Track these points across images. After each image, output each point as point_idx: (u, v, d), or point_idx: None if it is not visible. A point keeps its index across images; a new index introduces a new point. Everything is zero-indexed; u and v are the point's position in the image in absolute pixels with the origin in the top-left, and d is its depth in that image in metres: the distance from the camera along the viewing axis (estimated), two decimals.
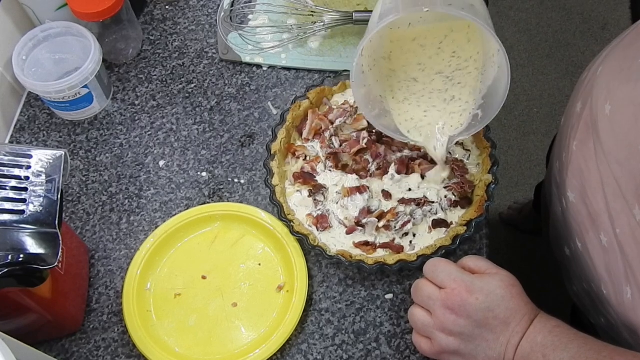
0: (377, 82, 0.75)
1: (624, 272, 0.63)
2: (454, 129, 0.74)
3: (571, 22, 2.11)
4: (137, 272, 0.74)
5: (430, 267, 0.65)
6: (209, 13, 0.97)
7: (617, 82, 0.64)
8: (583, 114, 0.71)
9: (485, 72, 0.72)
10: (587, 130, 0.69)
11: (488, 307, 0.60)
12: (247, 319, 0.73)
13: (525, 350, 0.58)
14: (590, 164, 0.67)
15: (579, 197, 0.71)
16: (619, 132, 0.61)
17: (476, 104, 0.73)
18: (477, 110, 0.73)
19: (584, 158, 0.69)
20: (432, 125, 0.75)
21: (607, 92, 0.65)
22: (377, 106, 0.75)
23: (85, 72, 0.81)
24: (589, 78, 0.75)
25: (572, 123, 0.74)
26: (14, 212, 0.58)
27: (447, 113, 0.75)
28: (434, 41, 0.73)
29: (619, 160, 0.61)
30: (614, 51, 0.69)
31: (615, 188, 0.61)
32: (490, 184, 0.74)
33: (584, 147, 0.70)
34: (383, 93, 0.76)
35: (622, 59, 0.65)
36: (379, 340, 0.72)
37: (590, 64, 0.79)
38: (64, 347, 0.73)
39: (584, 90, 0.74)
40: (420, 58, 0.74)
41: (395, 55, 0.75)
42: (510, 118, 1.93)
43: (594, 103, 0.67)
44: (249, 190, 0.82)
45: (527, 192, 1.77)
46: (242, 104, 0.89)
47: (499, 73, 0.68)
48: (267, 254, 0.77)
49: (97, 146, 0.86)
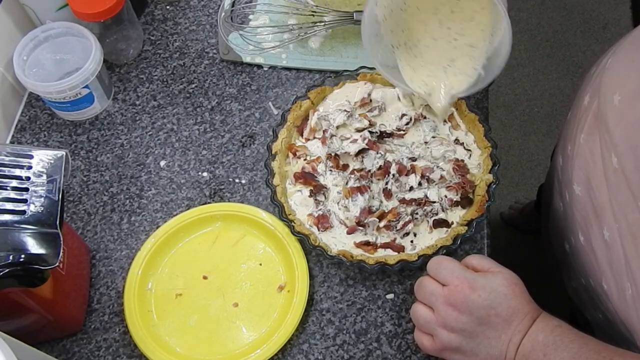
0: (392, 32, 0.77)
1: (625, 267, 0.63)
2: (457, 86, 0.77)
3: (572, 21, 2.11)
4: (138, 272, 0.74)
5: (434, 265, 0.65)
6: (210, 13, 0.97)
7: (628, 73, 0.63)
8: (592, 107, 0.71)
9: (493, 34, 0.74)
10: (595, 122, 0.69)
11: (490, 304, 0.60)
12: (248, 319, 0.73)
13: (526, 349, 0.58)
14: (596, 158, 0.67)
15: (585, 190, 0.71)
16: (628, 122, 0.61)
17: (480, 64, 0.76)
18: (480, 70, 0.76)
19: (590, 152, 0.69)
20: (437, 81, 0.77)
21: (616, 83, 0.65)
22: (385, 53, 0.78)
23: (86, 73, 0.81)
24: (598, 72, 0.75)
25: (579, 116, 0.74)
26: (15, 212, 0.58)
27: (453, 70, 0.77)
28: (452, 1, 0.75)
29: (626, 151, 0.61)
30: (624, 44, 0.69)
31: (622, 180, 0.61)
32: (491, 184, 0.74)
33: (590, 140, 0.69)
34: (395, 43, 0.79)
35: (633, 50, 0.65)
36: (380, 340, 0.72)
37: (600, 58, 0.79)
38: (65, 347, 0.73)
39: (593, 84, 0.74)
40: (437, 15, 0.76)
41: (412, 9, 0.77)
42: (510, 118, 1.93)
43: (602, 95, 0.67)
44: (250, 190, 0.82)
45: (527, 192, 1.77)
46: (243, 104, 0.89)
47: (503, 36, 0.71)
48: (268, 254, 0.77)
49: (98, 146, 0.86)
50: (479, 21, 0.75)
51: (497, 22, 0.73)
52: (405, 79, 0.79)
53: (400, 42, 0.79)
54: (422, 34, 0.78)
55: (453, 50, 0.77)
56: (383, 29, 0.77)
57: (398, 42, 0.79)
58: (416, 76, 0.79)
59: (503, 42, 0.71)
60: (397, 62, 0.80)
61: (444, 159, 0.78)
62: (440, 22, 0.77)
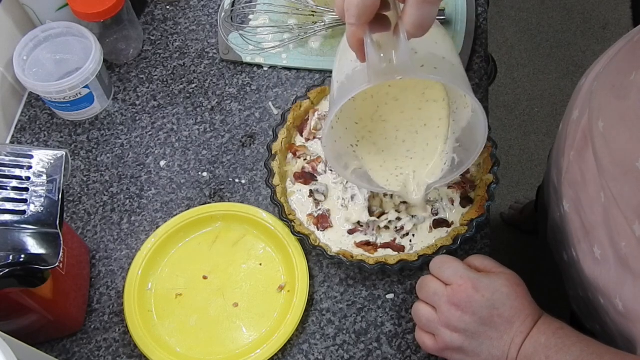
0: (347, 130, 0.69)
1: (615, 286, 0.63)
2: (430, 175, 0.70)
3: (572, 21, 2.11)
4: (138, 272, 0.74)
5: (437, 264, 0.65)
6: (210, 13, 0.97)
7: (609, 99, 0.63)
8: (581, 122, 0.70)
9: (457, 113, 0.67)
10: (584, 141, 0.68)
11: (493, 304, 0.60)
12: (248, 319, 0.73)
13: (528, 351, 0.58)
14: (587, 177, 0.67)
15: (573, 207, 0.71)
16: (613, 149, 0.61)
17: (450, 148, 0.69)
18: (453, 155, 0.68)
19: (580, 170, 0.69)
20: (406, 174, 0.70)
21: (599, 109, 0.65)
22: (348, 159, 0.70)
23: (86, 73, 0.81)
24: (586, 86, 0.74)
25: (569, 130, 0.74)
26: (15, 212, 0.58)
27: (420, 160, 0.70)
28: (409, 95, 0.67)
29: (615, 177, 0.60)
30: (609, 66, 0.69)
31: (613, 204, 0.61)
32: (491, 184, 0.74)
33: (580, 159, 0.69)
34: (354, 142, 0.71)
35: (615, 75, 0.64)
36: (380, 340, 0.72)
37: (588, 70, 0.78)
38: (65, 347, 0.73)
39: (581, 98, 0.74)
40: (391, 109, 0.68)
41: (362, 105, 0.68)
42: (511, 118, 1.93)
43: (590, 117, 0.67)
44: (250, 190, 0.82)
45: (528, 192, 1.77)
46: (243, 104, 0.89)
47: (474, 119, 0.63)
48: (268, 254, 0.77)
49: (98, 146, 0.86)
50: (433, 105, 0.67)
51: (459, 100, 0.65)
52: (375, 179, 0.71)
53: (359, 137, 0.70)
54: (382, 130, 0.70)
55: (418, 138, 0.69)
56: (339, 131, 0.68)
57: (356, 137, 0.70)
58: (386, 174, 0.71)
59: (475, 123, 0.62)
60: (363, 163, 0.71)
61: None
62: (402, 112, 0.68)
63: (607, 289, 0.65)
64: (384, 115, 0.68)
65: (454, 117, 0.68)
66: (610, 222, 0.63)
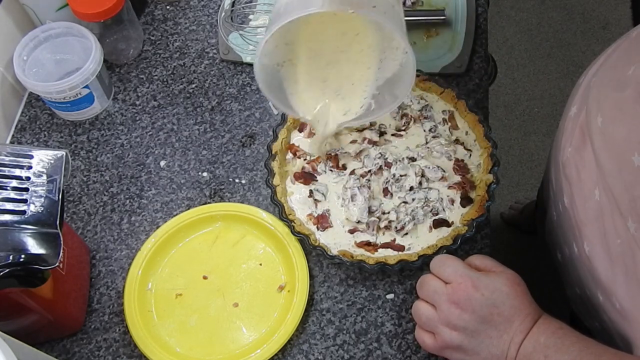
0: (276, 47, 0.68)
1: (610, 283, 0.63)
2: (345, 113, 0.71)
3: (572, 21, 2.11)
4: (138, 272, 0.74)
5: (437, 263, 0.65)
6: (210, 13, 0.97)
7: (607, 93, 0.64)
8: (579, 119, 0.70)
9: (384, 62, 0.67)
10: (582, 137, 0.69)
11: (493, 303, 0.60)
12: (248, 319, 0.73)
13: (527, 350, 0.58)
14: (582, 174, 0.67)
15: (569, 204, 0.71)
16: (611, 145, 0.61)
17: (369, 93, 0.69)
18: (371, 100, 0.69)
19: (575, 167, 0.69)
20: (322, 107, 0.71)
21: (598, 104, 0.65)
22: (274, 77, 0.70)
23: (86, 73, 0.81)
24: (585, 83, 0.74)
25: (567, 127, 0.74)
26: (15, 212, 0.58)
27: (341, 99, 0.71)
28: (340, 26, 0.67)
29: (612, 172, 0.61)
30: (607, 62, 0.69)
31: (611, 200, 0.61)
32: (491, 184, 0.74)
33: (577, 155, 0.69)
34: (280, 60, 0.70)
35: (613, 70, 0.65)
36: (380, 340, 0.72)
37: (587, 68, 0.78)
38: (65, 347, 0.73)
39: (580, 95, 0.74)
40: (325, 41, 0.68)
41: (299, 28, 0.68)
42: (511, 118, 1.93)
43: (588, 113, 0.67)
44: (250, 190, 0.82)
45: (528, 192, 1.77)
46: (243, 104, 0.89)
47: (401, 71, 0.65)
48: (268, 254, 0.77)
49: (98, 146, 0.86)
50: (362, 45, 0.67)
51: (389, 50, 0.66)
52: (292, 102, 0.71)
53: (285, 58, 0.69)
54: (312, 54, 0.70)
55: (343, 75, 0.70)
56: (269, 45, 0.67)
57: (283, 58, 0.70)
58: (304, 100, 0.71)
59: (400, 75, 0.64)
60: (283, 83, 0.71)
61: (444, 158, 0.78)
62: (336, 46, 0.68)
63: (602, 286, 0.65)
64: (316, 46, 0.68)
65: (380, 65, 0.67)
66: (604, 219, 0.63)
